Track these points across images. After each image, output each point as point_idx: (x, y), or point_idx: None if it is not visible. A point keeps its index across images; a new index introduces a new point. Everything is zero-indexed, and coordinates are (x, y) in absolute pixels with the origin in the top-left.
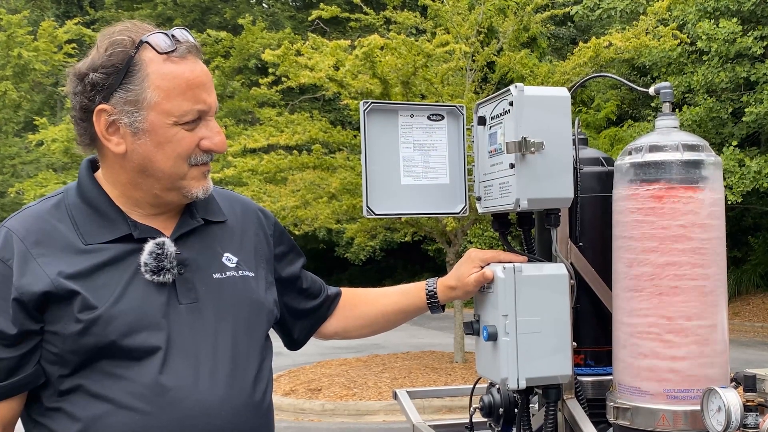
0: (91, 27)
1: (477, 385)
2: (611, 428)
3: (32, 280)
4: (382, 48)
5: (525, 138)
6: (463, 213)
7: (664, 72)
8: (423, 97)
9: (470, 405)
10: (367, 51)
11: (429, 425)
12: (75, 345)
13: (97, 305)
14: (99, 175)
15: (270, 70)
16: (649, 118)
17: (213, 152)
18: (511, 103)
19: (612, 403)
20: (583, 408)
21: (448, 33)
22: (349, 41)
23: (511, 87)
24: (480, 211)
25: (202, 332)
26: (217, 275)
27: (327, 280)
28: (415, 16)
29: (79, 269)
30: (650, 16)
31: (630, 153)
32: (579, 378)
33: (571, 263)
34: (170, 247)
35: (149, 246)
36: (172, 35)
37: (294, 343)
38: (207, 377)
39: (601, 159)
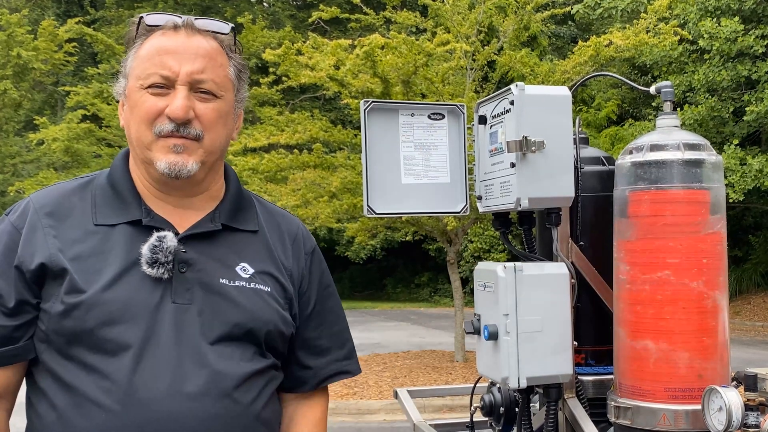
0: (92, 26)
1: (478, 385)
2: (612, 427)
3: (33, 250)
4: (382, 47)
5: (526, 137)
6: (464, 212)
7: (665, 71)
8: (423, 96)
9: (471, 404)
10: (367, 50)
11: (430, 424)
12: (57, 325)
13: (85, 289)
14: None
15: (270, 70)
16: (650, 117)
17: (171, 119)
18: (512, 102)
19: (613, 403)
20: (584, 407)
21: (449, 32)
22: (350, 40)
23: (512, 86)
24: (481, 210)
25: (188, 335)
26: (224, 281)
27: None
28: (415, 16)
29: (79, 250)
30: (651, 15)
31: (631, 152)
32: (580, 377)
33: (572, 262)
34: (170, 242)
35: (151, 238)
36: (179, 16)
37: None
38: (181, 382)
39: (602, 158)
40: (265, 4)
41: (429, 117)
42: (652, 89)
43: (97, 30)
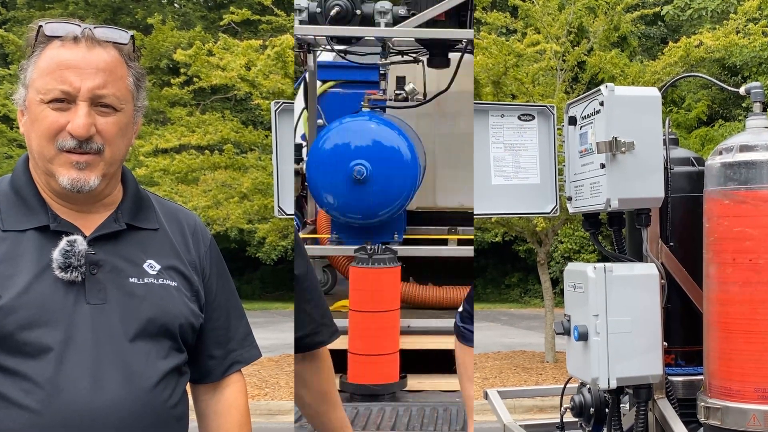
0: (3, 27)
1: (568, 385)
2: (702, 428)
3: None
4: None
5: (616, 138)
6: (554, 213)
7: (755, 72)
8: (513, 96)
9: (561, 405)
10: (278, 51)
11: (520, 425)
12: None
13: (1, 295)
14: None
15: (182, 70)
16: (740, 118)
17: (72, 136)
18: (601, 103)
19: (703, 403)
20: (674, 408)
21: (539, 33)
22: (261, 41)
23: (602, 87)
24: (571, 210)
25: (105, 334)
26: (133, 279)
27: (238, 279)
28: (505, 17)
29: None
30: (740, 15)
31: (720, 153)
32: (670, 378)
33: (662, 263)
34: (80, 246)
35: (62, 243)
36: (79, 25)
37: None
38: (101, 382)
39: (692, 159)
40: (176, 5)
41: (519, 118)
42: (742, 90)
43: (8, 30)
